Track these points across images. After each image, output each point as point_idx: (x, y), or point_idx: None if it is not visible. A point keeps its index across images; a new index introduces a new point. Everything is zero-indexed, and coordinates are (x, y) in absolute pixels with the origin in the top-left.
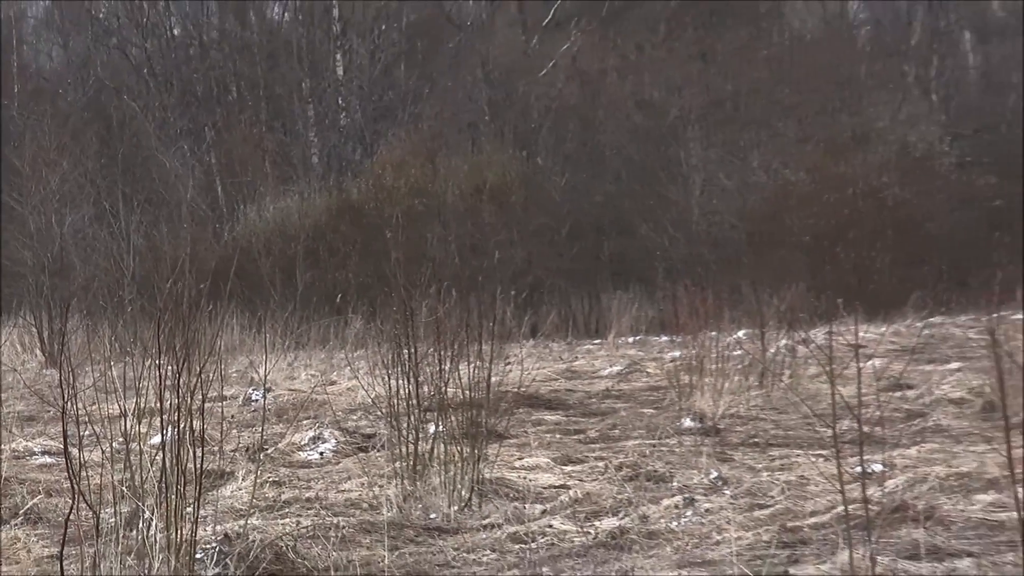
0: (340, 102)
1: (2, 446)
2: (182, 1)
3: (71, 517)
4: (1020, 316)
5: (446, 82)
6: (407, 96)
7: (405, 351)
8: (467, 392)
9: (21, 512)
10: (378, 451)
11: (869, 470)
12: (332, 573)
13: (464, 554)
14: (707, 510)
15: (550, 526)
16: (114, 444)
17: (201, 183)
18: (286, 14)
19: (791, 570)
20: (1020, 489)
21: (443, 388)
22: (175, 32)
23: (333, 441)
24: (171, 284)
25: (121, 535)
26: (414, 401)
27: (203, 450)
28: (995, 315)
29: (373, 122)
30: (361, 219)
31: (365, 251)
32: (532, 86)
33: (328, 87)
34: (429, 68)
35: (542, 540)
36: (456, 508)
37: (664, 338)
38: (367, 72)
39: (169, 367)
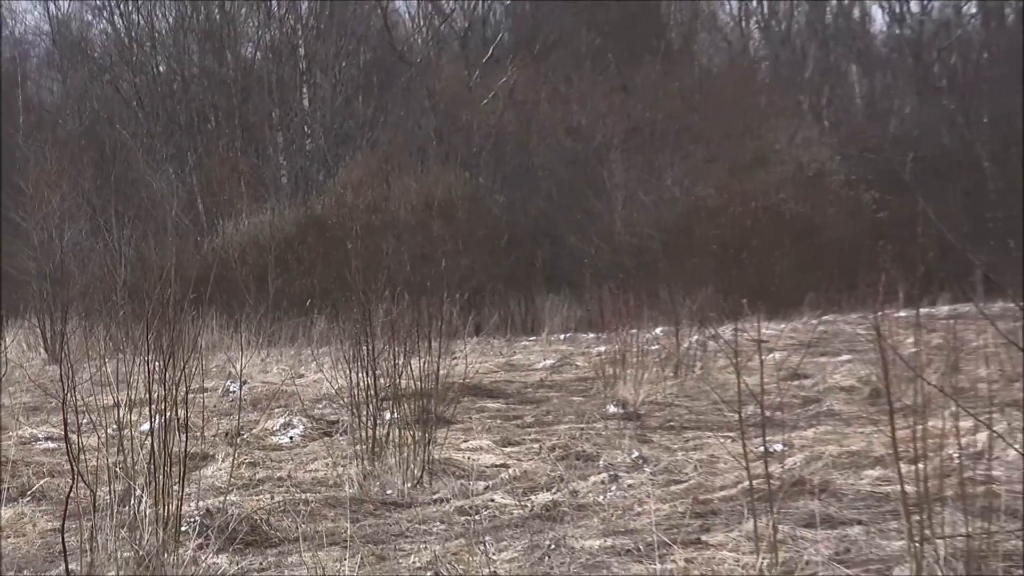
0: (306, 130)
1: (10, 433)
2: (166, 41)
3: (71, 495)
4: (902, 314)
5: (398, 112)
6: (364, 124)
7: (364, 347)
8: (418, 383)
9: (27, 491)
10: (341, 435)
11: (771, 449)
12: (301, 542)
13: (417, 525)
14: (629, 485)
15: (492, 500)
16: (109, 431)
17: (184, 201)
18: (258, 53)
19: (703, 537)
20: (902, 465)
21: (397, 380)
22: (160, 69)
23: (301, 427)
24: (158, 290)
25: (115, 511)
26: (372, 391)
27: (187, 435)
28: (880, 313)
29: (335, 147)
30: (325, 232)
31: (328, 260)
32: (474, 115)
33: (295, 117)
34: (383, 100)
35: (485, 512)
36: (409, 485)
37: (591, 335)
38: (329, 103)
39: (157, 363)
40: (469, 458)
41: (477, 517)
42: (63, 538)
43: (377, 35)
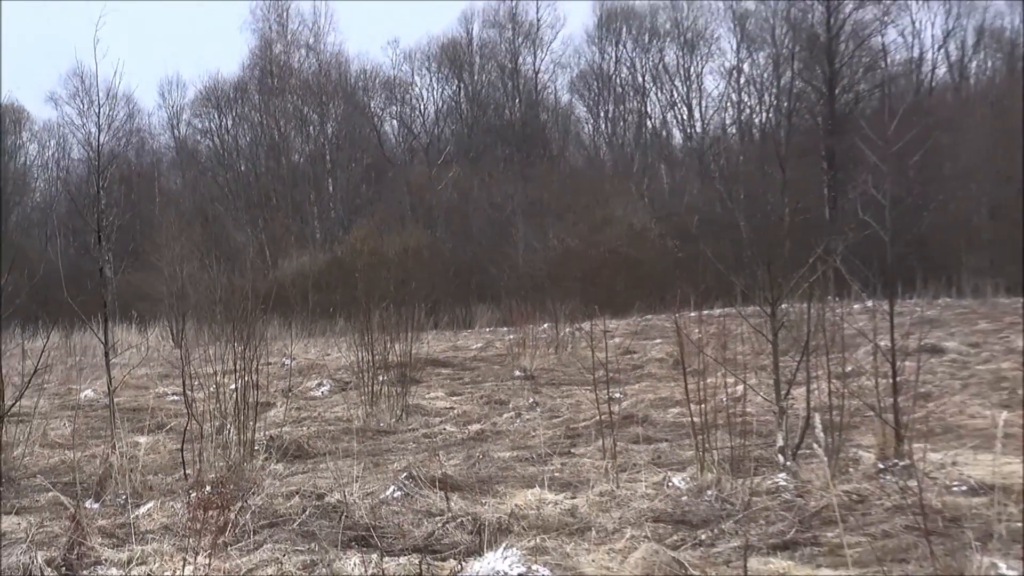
0: (331, 205)
1: (151, 390)
2: (245, 151)
3: (187, 428)
4: (692, 314)
5: (387, 194)
6: (367, 201)
7: (366, 337)
8: (399, 358)
9: (161, 427)
10: (352, 390)
11: (613, 396)
12: (328, 456)
13: (398, 444)
14: (527, 419)
15: (444, 429)
16: (210, 389)
17: (256, 248)
18: (301, 158)
19: (572, 450)
20: (692, 405)
21: (387, 356)
22: (242, 168)
23: (328, 385)
24: (241, 303)
25: (214, 437)
26: (370, 363)
27: (257, 391)
28: (677, 314)
29: (349, 215)
30: (343, 267)
31: (345, 284)
32: (433, 196)
33: (325, 197)
34: (378, 187)
35: (439, 436)
36: (393, 420)
37: (505, 329)
38: (345, 189)
39: (239, 347)
40: (430, 403)
41: (436, 439)
42: (182, 454)
43: (374, 147)
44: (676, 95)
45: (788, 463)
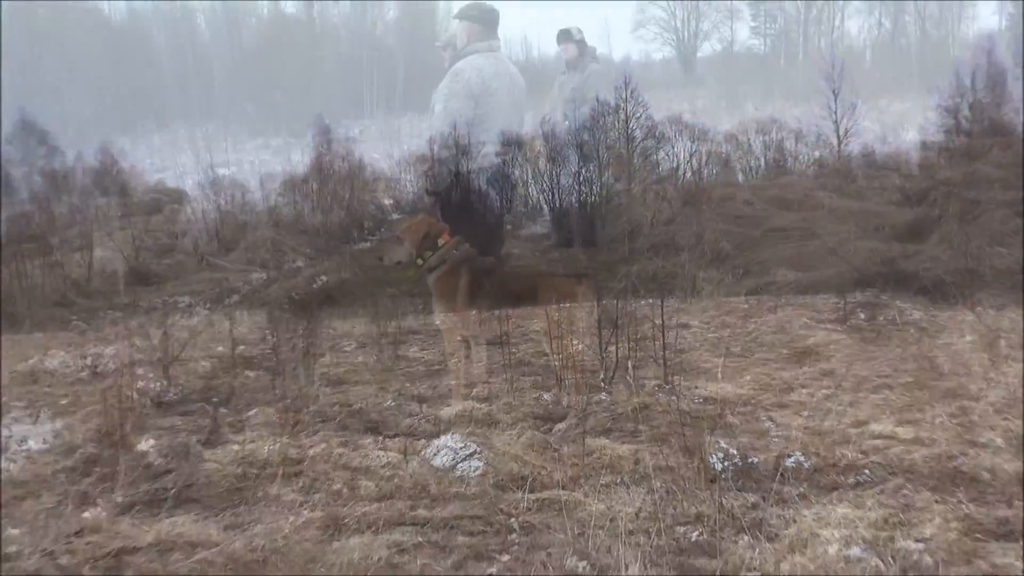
0: None
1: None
2: None
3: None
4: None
5: None
6: None
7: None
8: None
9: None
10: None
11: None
12: (354, 383)
13: (393, 377)
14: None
15: (418, 368)
16: None
17: None
18: None
19: (489, 380)
20: (555, 356)
21: None
22: None
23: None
24: None
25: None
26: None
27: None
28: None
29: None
30: None
31: None
32: None
33: None
34: None
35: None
36: (391, 363)
37: None
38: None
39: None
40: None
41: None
42: (273, 383)
43: None
44: None
45: (606, 387)
